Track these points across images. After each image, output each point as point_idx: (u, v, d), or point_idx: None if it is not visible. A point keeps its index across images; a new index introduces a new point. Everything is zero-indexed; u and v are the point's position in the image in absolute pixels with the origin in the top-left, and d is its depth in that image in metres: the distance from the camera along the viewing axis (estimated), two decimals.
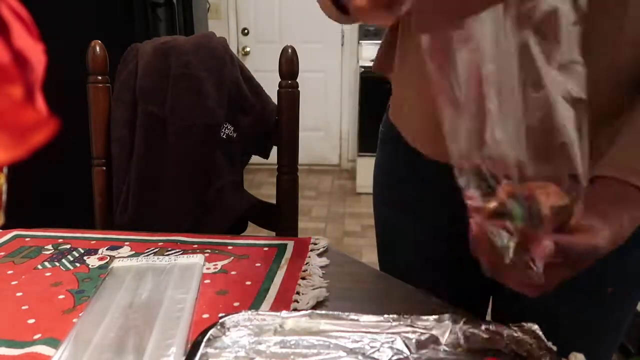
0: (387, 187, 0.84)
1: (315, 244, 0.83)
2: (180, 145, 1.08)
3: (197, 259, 0.76)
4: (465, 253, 0.86)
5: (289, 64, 1.07)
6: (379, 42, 0.83)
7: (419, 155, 0.74)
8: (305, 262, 0.77)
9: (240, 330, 0.56)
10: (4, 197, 0.32)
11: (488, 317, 0.86)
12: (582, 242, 0.47)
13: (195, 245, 0.83)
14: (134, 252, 0.81)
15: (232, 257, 0.79)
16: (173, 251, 0.81)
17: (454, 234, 0.81)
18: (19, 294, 0.69)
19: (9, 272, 0.75)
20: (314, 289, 0.70)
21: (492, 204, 0.40)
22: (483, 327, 0.56)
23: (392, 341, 0.55)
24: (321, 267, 0.77)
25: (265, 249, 0.82)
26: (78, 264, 0.77)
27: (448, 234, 0.79)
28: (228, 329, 0.56)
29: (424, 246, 0.83)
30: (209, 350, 0.53)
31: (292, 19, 4.01)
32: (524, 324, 0.55)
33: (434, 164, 0.69)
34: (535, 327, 0.55)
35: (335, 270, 0.77)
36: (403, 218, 0.82)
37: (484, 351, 0.53)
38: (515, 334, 0.54)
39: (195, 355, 0.51)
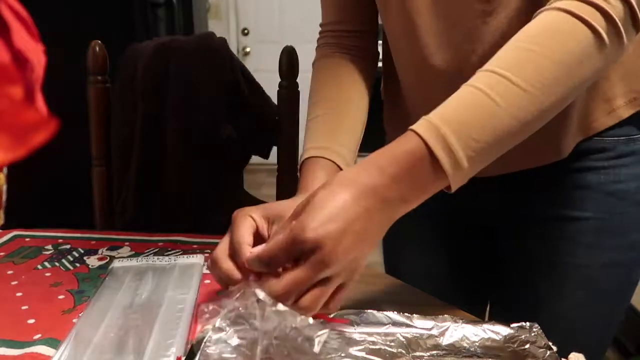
0: None
1: None
2: (180, 145, 1.08)
3: (197, 259, 0.76)
4: (465, 254, 0.86)
5: (289, 64, 1.07)
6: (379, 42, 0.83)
7: None
8: None
9: (240, 331, 0.56)
10: (4, 197, 0.32)
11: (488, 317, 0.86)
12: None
13: (195, 245, 0.83)
14: (134, 252, 0.81)
15: None
16: (173, 251, 0.81)
17: (454, 235, 0.81)
18: (19, 294, 0.69)
19: (9, 272, 0.75)
20: None
21: None
22: (483, 327, 0.56)
23: (392, 341, 0.55)
24: None
25: None
26: (78, 264, 0.77)
27: (449, 234, 0.79)
28: (228, 329, 0.56)
29: (425, 247, 0.83)
30: (209, 350, 0.53)
31: (292, 19, 4.00)
32: (524, 323, 0.55)
33: None
34: (536, 326, 0.55)
35: None
36: (405, 221, 0.82)
37: (484, 351, 0.53)
38: (516, 334, 0.54)
39: (195, 355, 0.51)
